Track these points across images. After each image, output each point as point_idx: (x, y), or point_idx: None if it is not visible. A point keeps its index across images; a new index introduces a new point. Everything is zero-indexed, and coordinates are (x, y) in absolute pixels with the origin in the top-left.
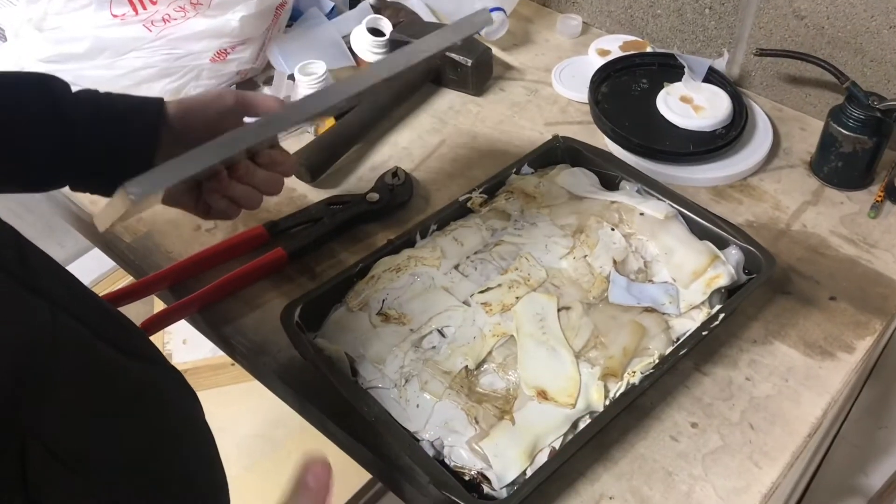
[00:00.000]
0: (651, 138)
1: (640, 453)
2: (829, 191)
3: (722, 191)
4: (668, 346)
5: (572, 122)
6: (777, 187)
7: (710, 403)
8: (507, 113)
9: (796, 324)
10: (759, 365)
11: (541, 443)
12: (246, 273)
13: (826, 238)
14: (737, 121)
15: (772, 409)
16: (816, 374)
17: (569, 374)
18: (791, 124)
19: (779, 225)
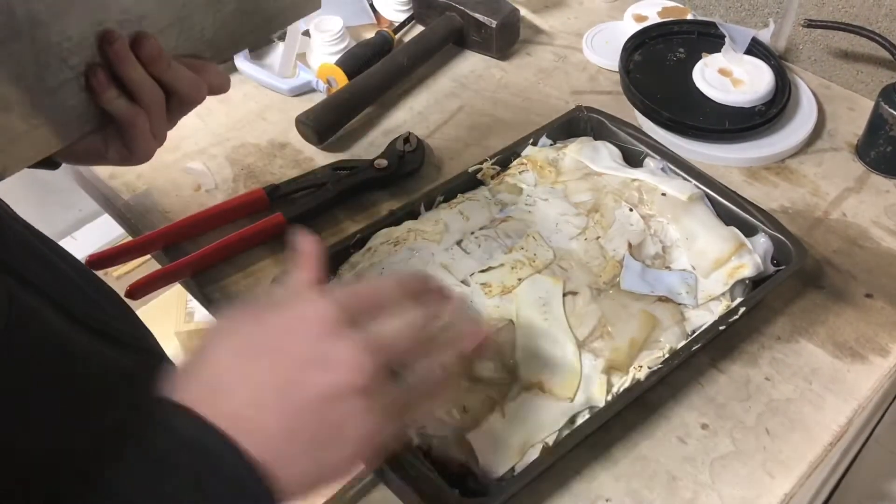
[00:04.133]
0: (684, 112)
1: (642, 454)
2: (875, 177)
3: (756, 172)
4: (682, 339)
5: (601, 91)
6: (817, 171)
7: (724, 404)
8: (532, 79)
9: (826, 321)
10: (782, 364)
11: (533, 438)
12: (242, 238)
13: (867, 229)
14: (778, 97)
15: (791, 414)
16: (844, 378)
17: (569, 365)
18: (838, 103)
19: (816, 213)
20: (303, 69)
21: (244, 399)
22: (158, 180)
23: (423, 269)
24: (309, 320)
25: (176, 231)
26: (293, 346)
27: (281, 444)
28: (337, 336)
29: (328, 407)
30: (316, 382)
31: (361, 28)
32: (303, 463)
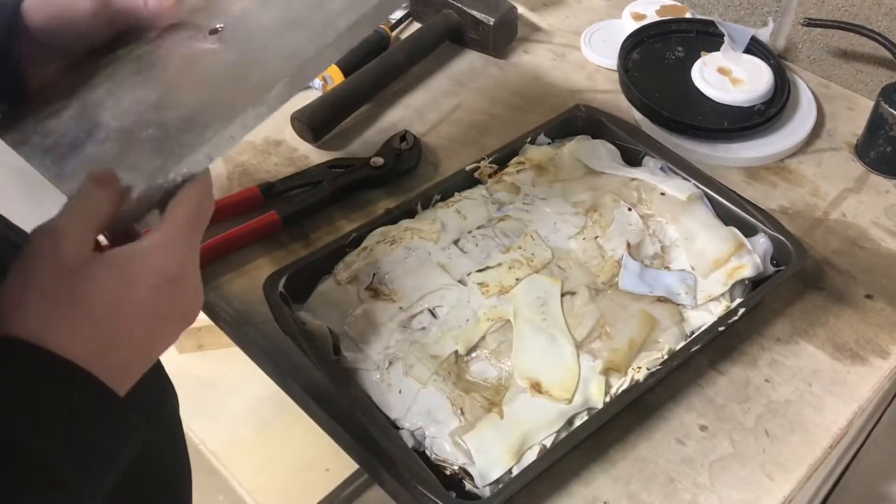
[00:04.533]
0: (682, 112)
1: (641, 455)
2: (875, 178)
3: (755, 172)
4: (681, 340)
5: (599, 90)
6: (817, 171)
7: (724, 405)
8: (529, 78)
9: (826, 322)
10: (781, 366)
11: (531, 440)
12: (236, 237)
13: (867, 229)
14: (778, 96)
15: (791, 416)
16: (844, 380)
17: (567, 366)
18: (838, 103)
19: (815, 213)
20: None
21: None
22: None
23: (420, 270)
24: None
25: None
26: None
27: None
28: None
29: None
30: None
31: None
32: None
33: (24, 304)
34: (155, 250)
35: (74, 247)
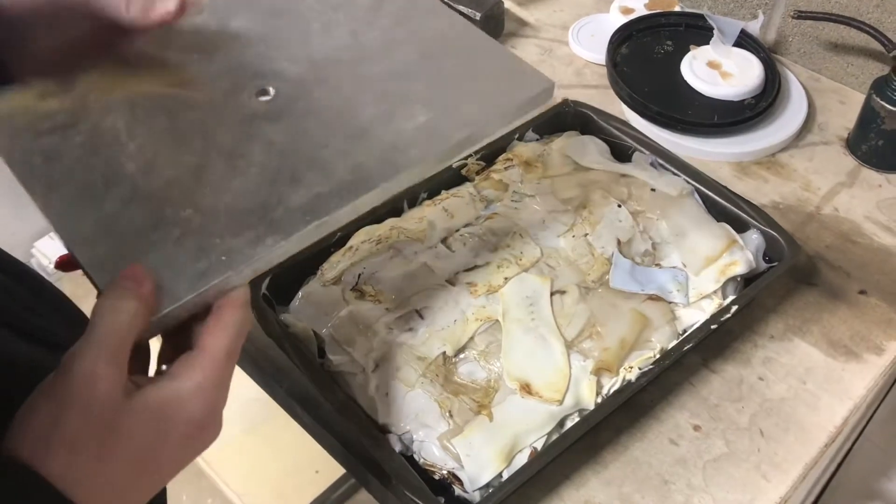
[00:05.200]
0: (672, 106)
1: (633, 457)
2: (867, 172)
3: (746, 167)
4: (673, 339)
5: (588, 85)
6: (808, 166)
7: (717, 404)
8: None
9: (820, 319)
10: (775, 364)
11: (521, 442)
12: None
13: (860, 224)
14: (768, 90)
15: (785, 415)
16: (839, 377)
17: (557, 367)
18: (829, 96)
19: (808, 208)
20: None
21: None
22: None
23: (406, 270)
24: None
25: None
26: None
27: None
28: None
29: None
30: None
31: None
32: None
33: (53, 453)
34: (192, 398)
35: (107, 392)
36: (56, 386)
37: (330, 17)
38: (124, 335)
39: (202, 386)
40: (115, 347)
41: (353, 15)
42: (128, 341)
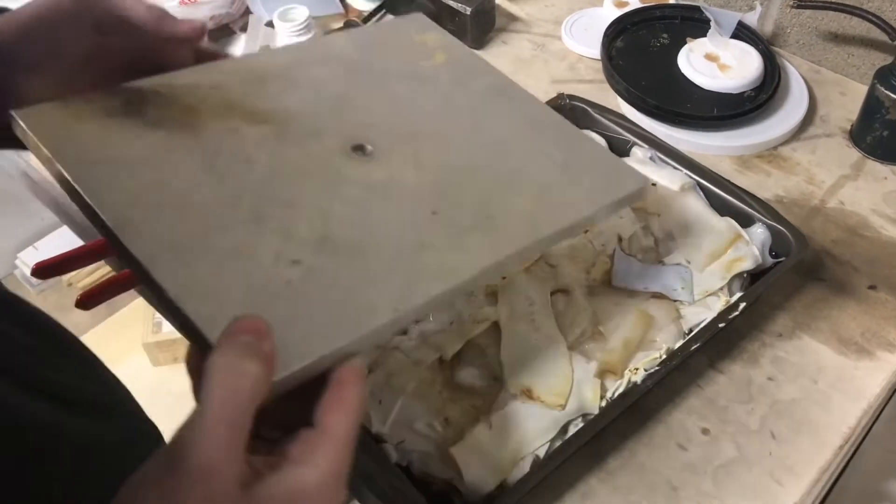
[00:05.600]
0: (670, 100)
1: (640, 463)
2: (872, 164)
3: (748, 161)
4: (679, 339)
5: (582, 80)
6: (811, 158)
7: (726, 406)
8: (509, 69)
9: (829, 316)
10: (785, 363)
11: (523, 450)
12: None
13: (866, 217)
14: (768, 82)
15: (797, 416)
16: (851, 376)
17: (560, 370)
18: (830, 88)
19: (812, 201)
20: None
21: None
22: None
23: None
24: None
25: None
26: None
27: None
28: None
29: None
30: None
31: (329, 18)
32: None
33: None
34: (319, 490)
35: (226, 487)
36: (166, 474)
37: (417, 92)
38: (247, 406)
39: (328, 475)
40: (237, 424)
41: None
42: (249, 413)
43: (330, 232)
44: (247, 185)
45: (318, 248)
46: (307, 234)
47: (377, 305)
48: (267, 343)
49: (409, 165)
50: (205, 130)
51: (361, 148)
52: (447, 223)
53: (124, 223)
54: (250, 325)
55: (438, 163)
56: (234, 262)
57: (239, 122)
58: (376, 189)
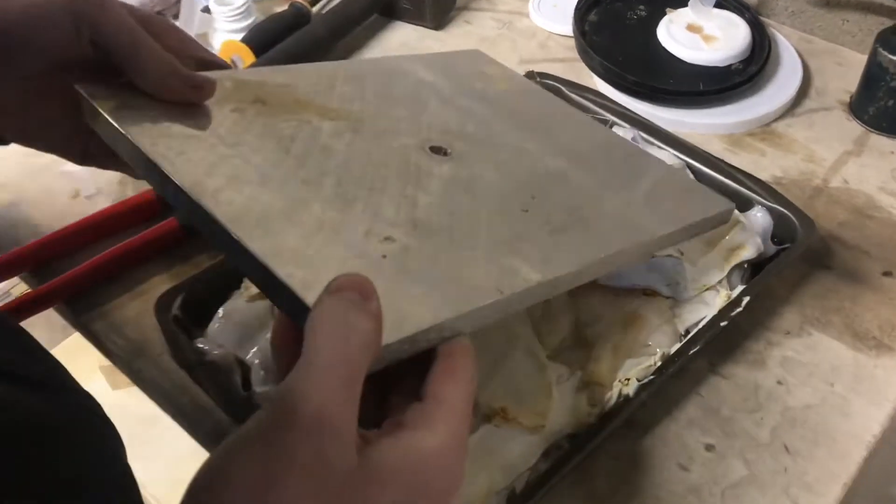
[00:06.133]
0: (651, 75)
1: (636, 487)
2: (876, 137)
3: (739, 140)
4: (675, 341)
5: (554, 59)
6: (809, 135)
7: (731, 417)
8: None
9: (841, 308)
10: (795, 364)
11: (499, 481)
12: (128, 251)
13: (874, 196)
14: (757, 54)
15: (813, 425)
16: (871, 375)
17: (538, 384)
18: (824, 58)
19: (813, 181)
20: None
21: None
22: (28, 188)
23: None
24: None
25: (46, 246)
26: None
27: None
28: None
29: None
30: None
31: (272, 2)
32: None
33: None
34: (441, 457)
35: (342, 451)
36: (273, 427)
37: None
38: (360, 364)
39: (448, 443)
40: (349, 381)
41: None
42: (362, 373)
43: (419, 217)
44: (327, 168)
45: (410, 229)
46: (395, 216)
47: (481, 285)
48: (374, 302)
49: (492, 168)
50: (277, 119)
51: (440, 149)
52: (540, 220)
53: (203, 190)
54: (355, 281)
55: (521, 168)
56: (324, 234)
57: (311, 115)
58: (461, 184)
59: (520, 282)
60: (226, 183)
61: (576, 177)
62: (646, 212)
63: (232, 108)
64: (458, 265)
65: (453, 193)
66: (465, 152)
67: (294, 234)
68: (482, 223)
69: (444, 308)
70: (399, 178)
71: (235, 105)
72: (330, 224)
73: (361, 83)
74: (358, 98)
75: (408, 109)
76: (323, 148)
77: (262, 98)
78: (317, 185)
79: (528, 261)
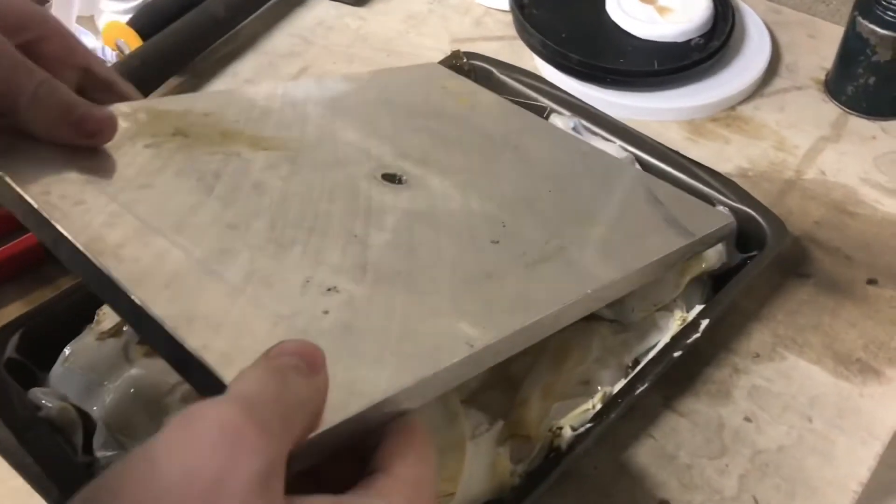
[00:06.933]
0: (598, 54)
1: None
2: (856, 120)
3: (700, 126)
4: (620, 376)
5: (490, 37)
6: (780, 118)
7: (690, 465)
8: (399, 28)
9: (820, 325)
10: (766, 395)
11: None
12: None
13: (855, 189)
14: (720, 27)
15: (789, 471)
16: (856, 407)
17: (448, 439)
18: (795, 30)
19: (785, 173)
20: (85, 34)
21: None
22: None
23: None
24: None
25: None
26: None
27: None
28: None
29: None
30: None
31: None
32: None
33: None
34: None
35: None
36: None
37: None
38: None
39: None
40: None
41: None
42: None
43: (371, 260)
44: (259, 208)
45: (359, 275)
46: (341, 260)
47: (443, 342)
48: (322, 376)
49: (456, 195)
50: (200, 153)
51: (393, 177)
52: (514, 253)
53: (102, 246)
54: (298, 348)
55: (489, 194)
56: (252, 289)
57: (241, 146)
58: (420, 216)
59: (495, 330)
60: (131, 234)
61: (551, 199)
62: (630, 236)
63: (146, 143)
64: (416, 317)
65: (412, 228)
66: (424, 179)
67: (213, 293)
68: (446, 261)
69: (403, 373)
70: (347, 214)
71: (150, 140)
72: (260, 276)
73: (302, 107)
74: (298, 123)
75: (357, 132)
76: (254, 185)
77: (183, 130)
78: (245, 229)
79: (501, 303)
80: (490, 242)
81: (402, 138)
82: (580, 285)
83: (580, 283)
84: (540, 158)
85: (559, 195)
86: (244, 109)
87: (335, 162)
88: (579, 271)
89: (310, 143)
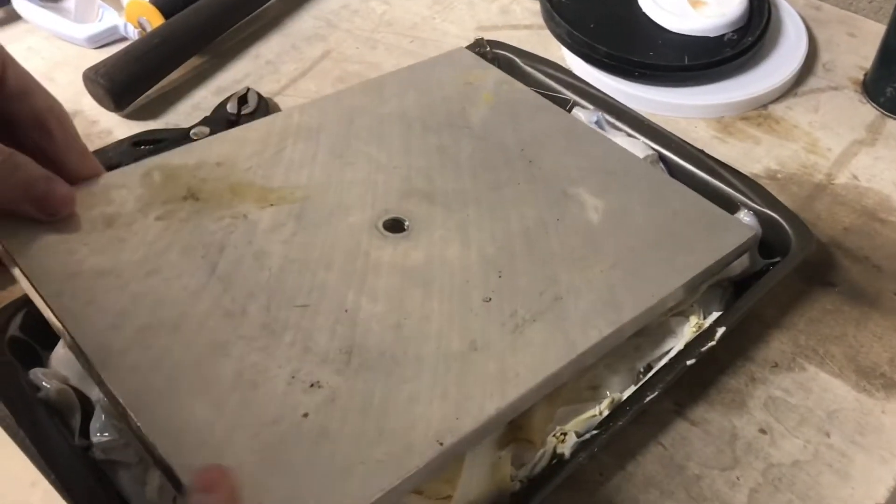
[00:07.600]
0: (627, 46)
1: None
2: (894, 124)
3: (730, 124)
4: (629, 382)
5: (517, 25)
6: (813, 119)
7: (700, 476)
8: (425, 14)
9: (844, 336)
10: (783, 407)
11: None
12: None
13: (889, 196)
14: (755, 21)
15: (803, 487)
16: (878, 424)
17: None
18: (834, 28)
19: (816, 177)
20: (108, 10)
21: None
22: None
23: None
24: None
25: None
26: None
27: None
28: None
29: None
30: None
31: None
32: None
33: None
34: None
35: None
36: None
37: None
38: None
39: None
40: None
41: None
42: None
43: (357, 340)
44: (257, 285)
45: (343, 364)
46: (329, 343)
47: (415, 440)
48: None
49: (455, 240)
50: (208, 220)
51: (396, 223)
52: (504, 313)
53: (107, 355)
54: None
55: (490, 232)
56: (238, 394)
57: (248, 205)
58: (415, 275)
59: (468, 421)
60: (134, 337)
61: (557, 230)
62: (638, 272)
63: (157, 214)
64: (392, 410)
65: (403, 293)
66: (428, 219)
67: (202, 404)
68: (431, 335)
69: (367, 488)
70: (342, 279)
71: (162, 209)
72: (249, 376)
73: (315, 138)
74: (308, 162)
75: (365, 166)
76: (256, 254)
77: (195, 191)
78: (241, 315)
79: (482, 384)
80: (482, 302)
81: (412, 164)
82: (568, 349)
83: (568, 346)
84: (554, 173)
85: (567, 223)
86: (258, 150)
87: (339, 208)
88: (571, 328)
89: (318, 188)
